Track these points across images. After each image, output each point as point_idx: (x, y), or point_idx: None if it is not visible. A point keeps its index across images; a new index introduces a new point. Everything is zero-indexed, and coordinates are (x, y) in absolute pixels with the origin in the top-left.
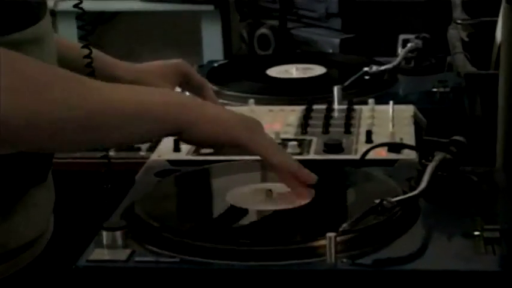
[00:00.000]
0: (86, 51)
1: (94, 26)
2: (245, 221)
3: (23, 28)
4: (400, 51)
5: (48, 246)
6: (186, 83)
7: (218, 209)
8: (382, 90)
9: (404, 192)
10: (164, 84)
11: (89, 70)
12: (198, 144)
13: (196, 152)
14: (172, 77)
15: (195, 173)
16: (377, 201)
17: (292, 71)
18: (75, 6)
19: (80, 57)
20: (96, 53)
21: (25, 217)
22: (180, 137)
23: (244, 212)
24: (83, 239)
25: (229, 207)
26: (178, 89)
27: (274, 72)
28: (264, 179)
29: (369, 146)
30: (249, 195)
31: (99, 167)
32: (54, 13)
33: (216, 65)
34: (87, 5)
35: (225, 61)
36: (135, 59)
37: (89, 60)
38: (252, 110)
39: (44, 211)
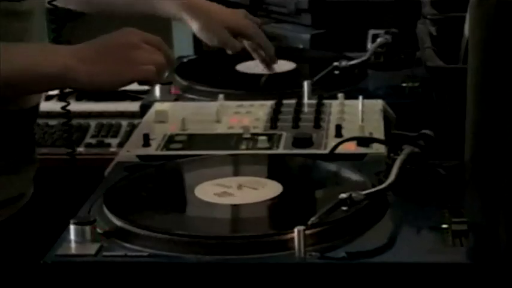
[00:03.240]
0: None
1: (63, 23)
2: (214, 215)
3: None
4: (370, 46)
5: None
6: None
7: (187, 203)
8: (352, 85)
9: (373, 186)
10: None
11: None
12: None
13: (166, 147)
14: None
15: (164, 167)
16: (346, 194)
17: (262, 66)
18: (49, 2)
19: None
20: None
21: (12, 181)
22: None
23: (213, 206)
24: (50, 234)
25: (198, 201)
26: None
27: (244, 67)
28: (233, 173)
29: (339, 140)
30: (217, 189)
31: (65, 162)
32: None
33: (185, 60)
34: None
35: (195, 56)
36: None
37: None
38: (221, 105)
39: (25, 178)
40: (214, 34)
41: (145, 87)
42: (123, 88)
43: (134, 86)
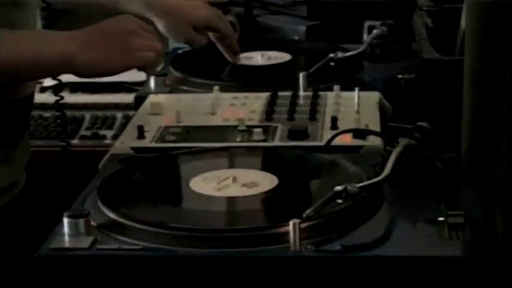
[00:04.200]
0: None
1: (58, 15)
2: (208, 208)
3: None
4: (366, 38)
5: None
6: None
7: (181, 196)
8: (348, 77)
9: (369, 178)
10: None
11: None
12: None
13: (161, 140)
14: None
15: (159, 159)
16: (341, 187)
17: (258, 58)
18: None
19: None
20: None
21: (1, 170)
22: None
23: (208, 198)
24: (43, 227)
25: (193, 194)
26: None
27: (240, 59)
28: (228, 166)
29: (334, 132)
30: (212, 182)
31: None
32: None
33: (180, 52)
34: None
35: (190, 48)
36: None
37: None
38: (216, 97)
39: (17, 166)
40: (179, 33)
41: (141, 79)
42: (118, 80)
43: (129, 78)
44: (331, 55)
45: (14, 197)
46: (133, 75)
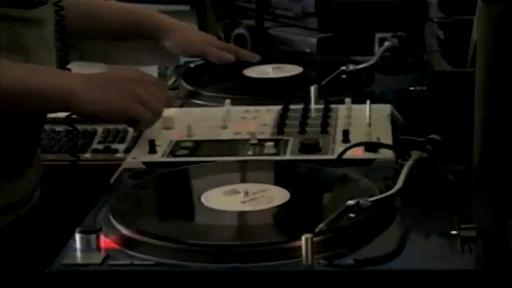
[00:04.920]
0: None
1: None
2: (220, 223)
3: (29, 7)
4: (377, 50)
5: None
6: None
7: (193, 210)
8: (359, 89)
9: (381, 192)
10: None
11: None
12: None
13: (172, 154)
14: None
15: (170, 174)
16: (353, 201)
17: (269, 70)
18: (55, 4)
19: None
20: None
21: (12, 186)
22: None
23: (220, 213)
24: (56, 241)
25: (204, 209)
26: None
27: (251, 72)
28: (240, 180)
29: (346, 145)
30: (224, 196)
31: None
32: None
33: (192, 65)
34: None
35: (202, 61)
36: (111, 59)
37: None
38: (228, 110)
39: (29, 182)
40: (192, 46)
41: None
42: None
43: None
44: (343, 67)
45: (26, 211)
46: None
